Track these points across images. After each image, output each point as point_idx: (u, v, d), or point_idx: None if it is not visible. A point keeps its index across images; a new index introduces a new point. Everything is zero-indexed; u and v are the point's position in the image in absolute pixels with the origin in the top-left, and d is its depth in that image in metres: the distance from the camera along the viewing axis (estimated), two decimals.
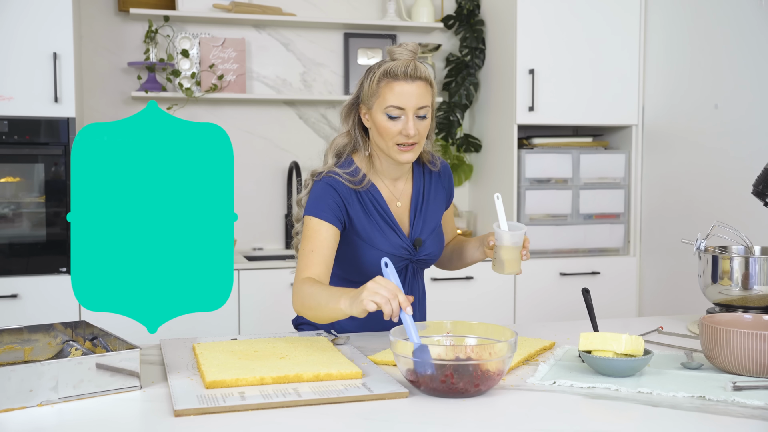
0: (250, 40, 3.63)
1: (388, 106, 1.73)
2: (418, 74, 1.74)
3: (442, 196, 1.97)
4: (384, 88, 1.74)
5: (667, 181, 3.42)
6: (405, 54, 1.75)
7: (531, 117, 3.45)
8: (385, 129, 1.75)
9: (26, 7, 2.96)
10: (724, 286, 1.90)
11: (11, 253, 3.02)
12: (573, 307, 3.47)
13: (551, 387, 1.43)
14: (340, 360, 1.51)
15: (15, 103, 2.96)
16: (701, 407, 1.31)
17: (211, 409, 1.28)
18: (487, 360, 1.35)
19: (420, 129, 1.76)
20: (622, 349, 1.47)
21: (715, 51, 3.11)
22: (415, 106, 1.74)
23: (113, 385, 1.38)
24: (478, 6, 3.78)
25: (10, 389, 1.28)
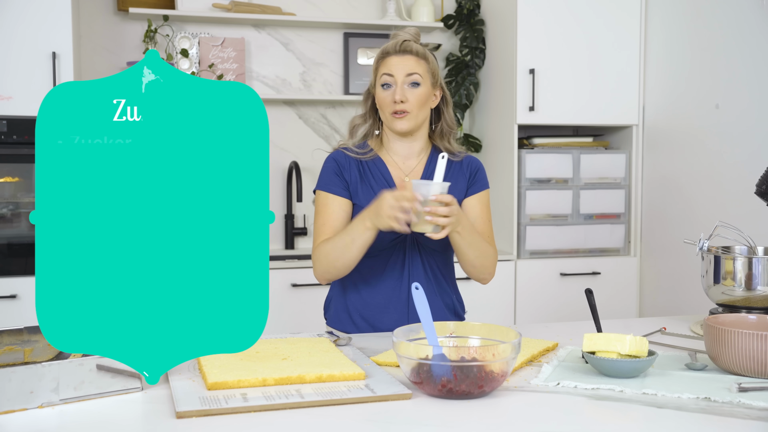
0: (249, 39, 3.62)
1: (381, 75, 1.90)
2: (408, 49, 1.90)
3: (461, 185, 1.97)
4: (380, 65, 1.92)
5: (668, 181, 3.41)
6: (400, 35, 1.92)
7: (531, 117, 3.44)
8: (381, 99, 1.91)
9: (26, 7, 2.95)
10: (727, 287, 1.90)
11: (10, 253, 3.01)
12: (573, 307, 3.47)
13: (555, 388, 1.42)
14: (343, 361, 1.50)
15: (14, 102, 2.95)
16: (707, 409, 1.30)
17: (213, 410, 1.27)
18: (491, 361, 1.34)
19: (410, 97, 1.88)
20: (626, 350, 1.47)
21: (716, 50, 3.10)
22: (403, 74, 1.88)
23: (114, 387, 1.37)
24: (478, 6, 3.78)
25: (11, 391, 1.27)
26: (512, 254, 3.46)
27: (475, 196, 1.98)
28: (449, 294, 2.01)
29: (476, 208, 1.98)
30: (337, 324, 2.00)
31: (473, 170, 2.00)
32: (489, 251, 1.91)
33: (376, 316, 1.94)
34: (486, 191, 2.01)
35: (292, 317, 3.16)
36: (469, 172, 1.99)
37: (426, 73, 1.90)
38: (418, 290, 1.46)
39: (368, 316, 1.95)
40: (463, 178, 1.99)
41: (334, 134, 3.76)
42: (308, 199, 3.63)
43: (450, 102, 2.01)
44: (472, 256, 1.87)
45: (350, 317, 1.97)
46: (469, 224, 1.84)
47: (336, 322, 2.00)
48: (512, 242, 3.47)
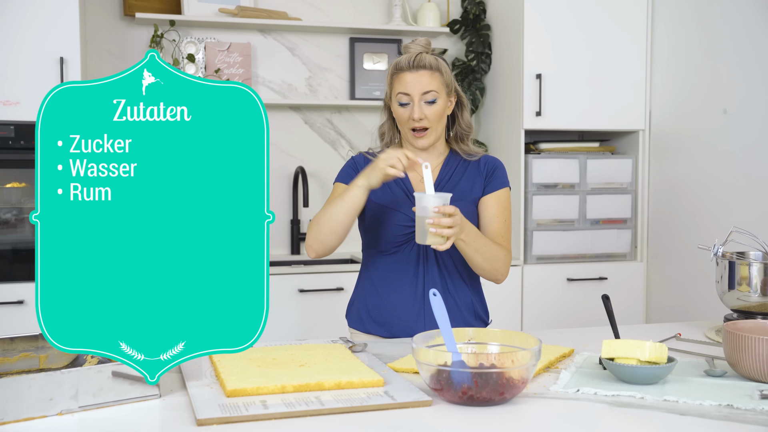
0: (255, 44, 3.62)
1: (397, 94, 1.92)
2: (421, 63, 1.90)
3: (477, 184, 1.98)
4: (395, 81, 1.93)
5: (675, 186, 3.41)
6: (414, 48, 1.93)
7: (538, 122, 3.44)
8: (398, 116, 1.94)
9: (33, 13, 2.94)
10: (743, 293, 1.89)
11: (16, 259, 3.00)
12: (580, 312, 3.46)
13: (575, 395, 1.42)
14: (361, 368, 1.49)
15: (22, 108, 2.94)
16: (729, 416, 1.29)
17: (234, 418, 1.26)
18: (511, 368, 1.33)
19: (428, 113, 1.90)
20: (646, 357, 1.46)
21: (723, 55, 3.10)
22: (419, 92, 1.89)
23: (132, 394, 1.36)
24: (484, 11, 3.78)
25: (30, 398, 1.26)
26: (519, 259, 3.45)
27: (493, 195, 1.97)
28: (467, 293, 1.98)
29: (493, 207, 1.96)
30: (357, 323, 2.02)
31: (490, 169, 2.00)
32: (498, 253, 1.90)
33: (393, 314, 1.94)
34: (505, 189, 1.99)
35: (299, 323, 3.15)
36: (486, 171, 2.00)
37: (441, 87, 1.91)
38: (436, 296, 1.46)
39: (385, 314, 1.95)
40: (480, 177, 1.99)
41: (340, 139, 3.75)
42: (314, 205, 3.62)
43: (466, 105, 2.02)
44: (480, 260, 1.87)
45: (370, 315, 1.98)
46: (473, 230, 1.83)
47: (357, 322, 2.02)
48: (519, 247, 3.46)
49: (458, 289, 1.96)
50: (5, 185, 3.00)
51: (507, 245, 1.96)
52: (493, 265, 1.90)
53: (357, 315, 2.03)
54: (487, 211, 1.96)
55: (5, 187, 3.00)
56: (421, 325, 1.92)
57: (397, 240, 1.95)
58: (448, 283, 1.95)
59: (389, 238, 1.95)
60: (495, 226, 1.95)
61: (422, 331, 1.84)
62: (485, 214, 1.96)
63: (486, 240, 1.88)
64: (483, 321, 2.03)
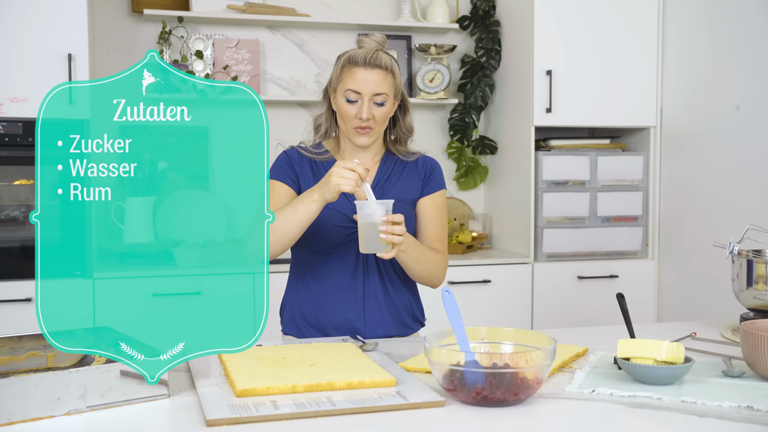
0: (264, 41, 3.60)
1: (346, 89, 1.86)
2: (377, 62, 1.85)
3: (416, 185, 1.96)
4: (346, 74, 1.87)
5: (686, 183, 3.37)
6: (370, 44, 1.87)
7: (548, 119, 3.41)
8: (344, 111, 1.88)
9: (41, 9, 2.93)
10: (760, 291, 1.86)
11: (24, 256, 2.98)
12: (591, 310, 3.43)
13: (590, 395, 1.39)
14: (372, 367, 1.47)
15: (30, 105, 2.92)
16: (750, 418, 1.27)
17: (244, 418, 1.24)
18: (525, 368, 1.31)
19: (376, 114, 1.85)
20: (663, 356, 1.43)
21: (736, 51, 3.06)
22: (371, 92, 1.84)
23: (141, 393, 1.35)
24: (494, 7, 3.75)
25: (38, 398, 1.24)
26: (529, 257, 3.43)
27: (430, 197, 1.97)
28: (406, 296, 1.97)
29: (430, 210, 1.97)
30: (293, 329, 1.96)
31: (428, 170, 1.99)
32: (435, 260, 1.91)
33: (332, 317, 1.90)
34: (442, 192, 1.99)
35: None
36: (424, 172, 1.98)
37: (391, 89, 1.87)
38: (449, 294, 1.44)
39: (322, 318, 1.91)
40: (418, 178, 1.97)
41: None
42: None
43: (409, 108, 1.98)
44: (419, 269, 1.88)
45: (305, 319, 1.93)
46: (412, 240, 1.83)
47: (292, 328, 1.96)
48: (529, 245, 3.44)
49: (398, 292, 1.96)
50: (13, 182, 2.99)
51: (443, 249, 1.97)
52: (431, 273, 1.91)
53: (291, 320, 1.97)
54: (425, 214, 1.96)
55: (13, 185, 2.99)
56: (362, 327, 1.90)
57: (335, 241, 1.90)
58: (388, 286, 1.94)
59: (326, 239, 1.89)
60: (432, 231, 1.96)
61: (361, 335, 1.86)
62: (423, 217, 1.96)
63: (423, 248, 1.88)
64: (420, 322, 2.03)
